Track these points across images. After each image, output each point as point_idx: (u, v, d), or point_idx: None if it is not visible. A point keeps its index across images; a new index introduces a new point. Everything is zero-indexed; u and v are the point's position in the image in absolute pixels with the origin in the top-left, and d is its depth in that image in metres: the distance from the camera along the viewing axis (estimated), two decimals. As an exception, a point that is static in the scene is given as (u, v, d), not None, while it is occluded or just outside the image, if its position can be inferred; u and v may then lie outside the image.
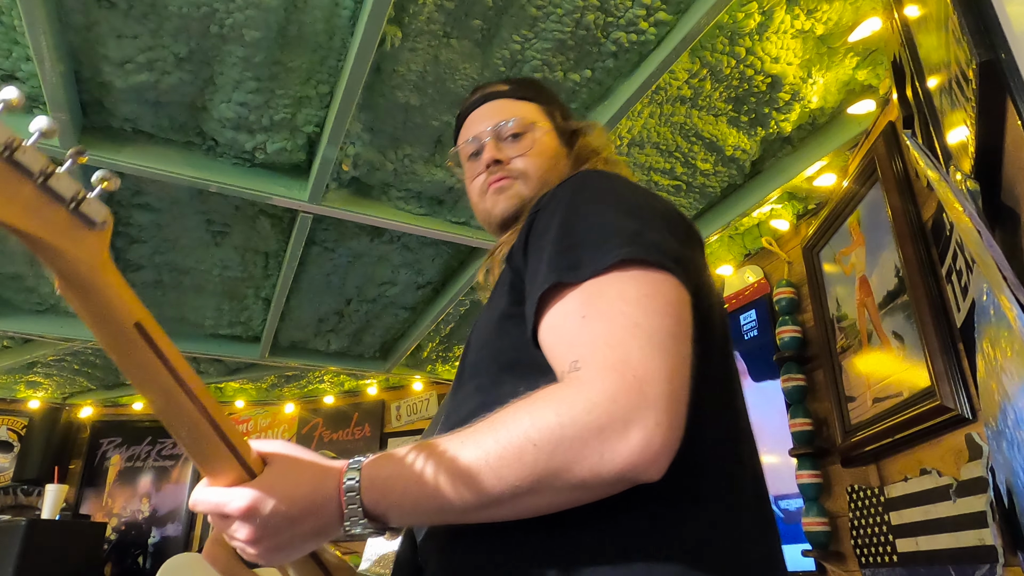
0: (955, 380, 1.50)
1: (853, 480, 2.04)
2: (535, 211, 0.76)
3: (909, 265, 1.67)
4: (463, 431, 0.60)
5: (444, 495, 0.57)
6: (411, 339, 3.49)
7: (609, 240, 0.64)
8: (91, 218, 0.51)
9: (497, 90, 1.01)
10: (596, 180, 0.77)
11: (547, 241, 0.68)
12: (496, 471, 0.55)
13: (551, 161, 0.95)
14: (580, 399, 0.55)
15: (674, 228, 0.71)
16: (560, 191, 0.76)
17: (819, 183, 2.22)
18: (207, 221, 2.38)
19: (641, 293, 0.61)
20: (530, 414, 0.57)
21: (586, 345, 0.59)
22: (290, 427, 4.86)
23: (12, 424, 4.49)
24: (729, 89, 1.85)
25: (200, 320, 3.26)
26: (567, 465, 0.55)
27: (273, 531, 0.58)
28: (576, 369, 0.58)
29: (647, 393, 0.55)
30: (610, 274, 0.62)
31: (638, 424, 0.54)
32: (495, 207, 0.95)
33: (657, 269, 0.63)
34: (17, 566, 3.12)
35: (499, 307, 0.76)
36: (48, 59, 1.52)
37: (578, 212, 0.70)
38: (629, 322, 0.59)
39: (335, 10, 1.54)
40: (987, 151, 0.93)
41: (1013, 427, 1.09)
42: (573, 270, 0.63)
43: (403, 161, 2.07)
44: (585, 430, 0.54)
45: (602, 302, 0.61)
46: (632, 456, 0.54)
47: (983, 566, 1.41)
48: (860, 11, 1.62)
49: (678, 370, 0.58)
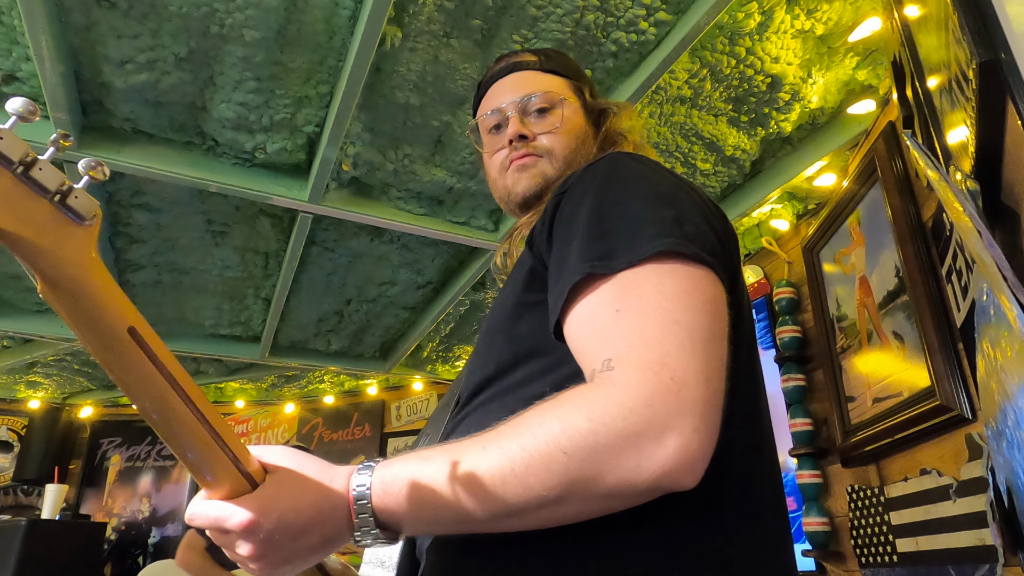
0: (955, 380, 1.50)
1: (853, 480, 2.04)
2: (560, 192, 0.71)
3: (909, 265, 1.67)
4: (485, 435, 0.56)
5: (465, 504, 0.53)
6: (411, 339, 3.49)
7: (646, 229, 0.59)
8: (78, 212, 0.45)
9: (524, 60, 0.94)
10: (628, 163, 0.71)
11: (577, 227, 0.64)
12: (523, 479, 0.52)
13: (578, 140, 0.89)
14: (614, 402, 0.51)
15: (710, 218, 0.67)
16: (588, 173, 0.70)
17: (819, 183, 2.22)
18: (207, 221, 2.38)
19: (680, 288, 0.56)
20: (559, 419, 0.52)
21: (620, 341, 0.55)
22: (290, 427, 4.86)
23: (12, 424, 4.49)
24: (729, 89, 1.85)
25: (200, 320, 3.26)
26: (599, 474, 0.51)
27: (277, 546, 0.54)
28: (610, 368, 0.54)
29: (685, 396, 0.51)
30: (646, 265, 0.57)
31: (675, 430, 0.50)
32: (516, 185, 0.90)
33: (695, 263, 0.59)
34: (17, 566, 3.12)
35: (515, 292, 0.72)
36: (48, 59, 1.52)
37: (610, 197, 0.64)
38: (668, 318, 0.54)
39: (335, 10, 1.54)
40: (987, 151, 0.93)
41: (1013, 427, 1.09)
42: (606, 260, 0.59)
43: (403, 161, 2.07)
44: (619, 437, 0.50)
45: (638, 296, 0.56)
46: (668, 464, 0.50)
47: (983, 566, 1.41)
48: (860, 11, 1.62)
49: (716, 371, 0.55)
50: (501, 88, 0.94)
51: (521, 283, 0.71)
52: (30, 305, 3.01)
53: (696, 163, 2.17)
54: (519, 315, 0.70)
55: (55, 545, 3.37)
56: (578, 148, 0.89)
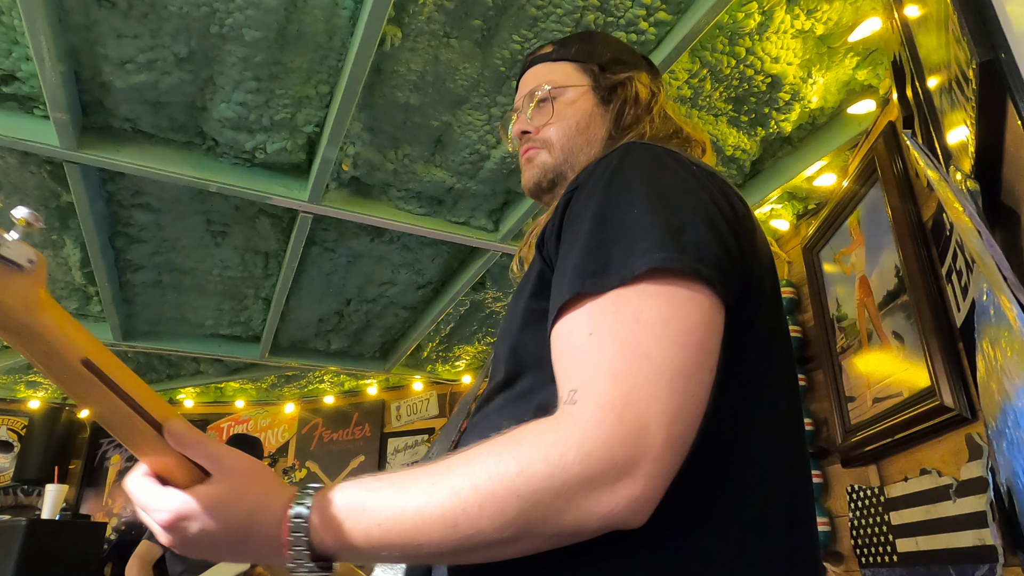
0: (955, 380, 1.50)
1: (853, 480, 2.04)
2: (572, 189, 0.69)
3: (909, 265, 1.67)
4: (436, 468, 0.55)
5: (413, 542, 0.52)
6: (411, 339, 3.49)
7: (642, 240, 0.57)
8: (15, 262, 0.48)
9: (541, 53, 0.98)
10: (638, 158, 0.67)
11: (579, 233, 0.62)
12: (475, 521, 0.51)
13: (580, 125, 0.90)
14: (573, 445, 0.50)
15: (718, 219, 0.63)
16: (599, 169, 0.68)
17: (819, 183, 2.22)
18: (207, 221, 2.38)
19: (659, 317, 0.54)
20: (516, 459, 0.51)
21: (589, 370, 0.54)
22: (290, 427, 4.86)
23: (12, 424, 4.49)
24: (729, 89, 1.85)
25: (200, 320, 3.26)
26: (552, 516, 0.51)
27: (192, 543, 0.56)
28: (573, 402, 0.53)
29: (645, 441, 0.50)
30: (634, 286, 0.55)
31: (630, 476, 0.50)
32: (524, 177, 0.94)
33: (689, 279, 0.56)
34: (17, 566, 3.12)
35: (524, 298, 0.71)
36: (48, 59, 1.52)
37: (613, 200, 0.62)
38: (640, 352, 0.53)
39: (335, 10, 1.54)
40: (987, 151, 0.93)
41: (1013, 427, 1.09)
42: (599, 276, 0.57)
43: (403, 161, 2.07)
44: (575, 481, 0.50)
45: (615, 321, 0.55)
46: (618, 509, 0.50)
47: (983, 566, 1.41)
48: (860, 11, 1.62)
49: (683, 411, 0.53)
50: (520, 87, 0.98)
51: (530, 289, 0.70)
52: (30, 305, 3.01)
53: (696, 163, 2.17)
54: (526, 323, 0.69)
55: (55, 545, 3.36)
56: (579, 132, 0.89)
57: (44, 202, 2.20)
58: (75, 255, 2.50)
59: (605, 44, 0.98)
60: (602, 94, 0.92)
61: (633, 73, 0.92)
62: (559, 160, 0.89)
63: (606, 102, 0.91)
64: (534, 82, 0.94)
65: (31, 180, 2.07)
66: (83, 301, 2.96)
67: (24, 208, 0.50)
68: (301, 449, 4.77)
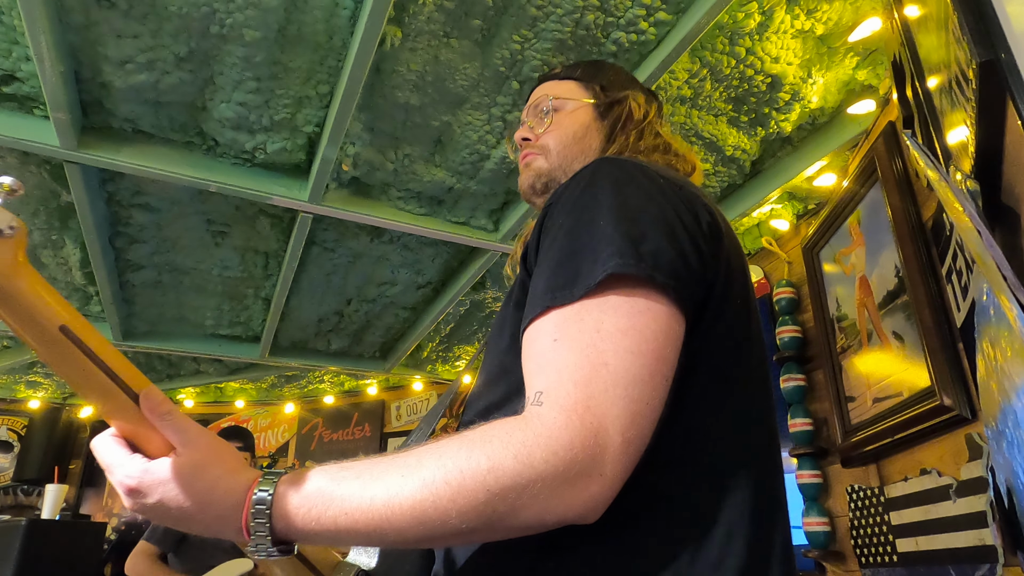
0: (955, 380, 1.50)
1: (853, 480, 2.04)
2: (549, 204, 0.73)
3: (909, 265, 1.67)
4: (405, 459, 0.57)
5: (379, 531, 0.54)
6: (411, 339, 3.49)
7: (603, 250, 0.61)
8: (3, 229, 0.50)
9: (549, 74, 1.07)
10: (604, 175, 0.71)
11: (552, 248, 0.66)
12: (444, 513, 0.53)
13: (576, 134, 0.96)
14: (540, 445, 0.54)
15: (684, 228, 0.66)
16: (572, 183, 0.72)
17: (819, 183, 2.22)
18: (207, 221, 2.38)
19: (618, 327, 0.58)
20: (488, 456, 0.54)
21: (553, 374, 0.57)
22: (290, 427, 4.86)
23: (12, 424, 4.49)
24: (729, 89, 1.85)
25: (200, 320, 3.26)
26: (517, 511, 0.54)
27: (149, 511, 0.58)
28: (539, 403, 0.57)
29: (603, 443, 0.54)
30: (594, 297, 0.59)
31: (588, 476, 0.54)
32: (520, 179, 1.00)
33: (647, 287, 0.60)
34: (17, 566, 3.12)
35: (509, 308, 0.75)
36: (48, 59, 1.52)
37: (583, 215, 0.66)
38: (599, 360, 0.57)
39: (335, 10, 1.54)
40: (987, 151, 0.93)
41: (1013, 427, 1.09)
42: (568, 288, 0.61)
43: (403, 161, 2.07)
44: (539, 479, 0.53)
45: (578, 329, 0.58)
46: (577, 506, 0.54)
47: (983, 566, 1.41)
48: (860, 11, 1.62)
49: (639, 417, 0.56)
50: (529, 101, 1.06)
51: (514, 298, 0.74)
52: (30, 305, 3.01)
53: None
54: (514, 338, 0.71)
55: (55, 545, 3.36)
56: (575, 141, 0.96)
57: (44, 202, 2.20)
58: (75, 255, 2.50)
59: (609, 69, 1.06)
60: (601, 110, 0.98)
61: (630, 93, 0.99)
62: (554, 165, 0.96)
63: (604, 117, 0.98)
64: (540, 95, 1.02)
65: (31, 180, 2.07)
66: (83, 301, 2.96)
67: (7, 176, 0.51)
68: (301, 449, 4.77)
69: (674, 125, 1.99)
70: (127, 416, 0.57)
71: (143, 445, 0.58)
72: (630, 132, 0.94)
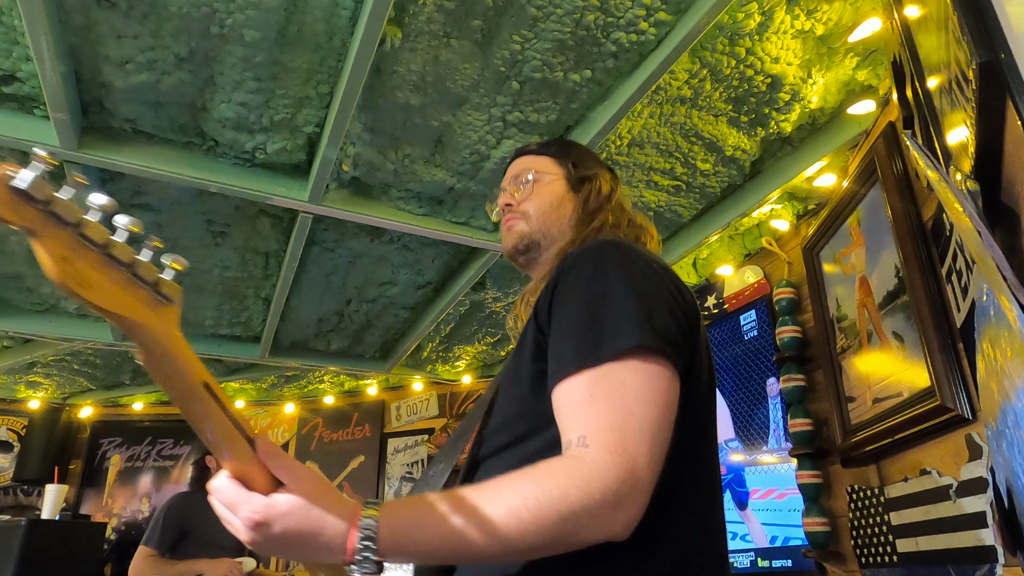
0: (955, 380, 1.50)
1: (853, 480, 2.04)
2: (559, 271, 0.87)
3: (909, 265, 1.67)
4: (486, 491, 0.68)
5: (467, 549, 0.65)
6: (411, 339, 3.49)
7: (625, 324, 0.76)
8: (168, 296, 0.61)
9: (525, 148, 1.21)
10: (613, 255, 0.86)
11: (572, 316, 0.80)
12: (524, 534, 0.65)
13: (552, 203, 1.10)
14: (597, 479, 0.67)
15: (675, 306, 0.83)
16: (582, 259, 0.86)
17: (819, 183, 2.22)
18: (207, 221, 2.38)
19: (639, 384, 0.73)
20: (558, 487, 0.66)
21: (592, 422, 0.71)
22: (290, 427, 4.86)
23: (12, 424, 4.49)
24: (729, 89, 1.85)
25: (200, 320, 3.26)
26: (578, 532, 0.66)
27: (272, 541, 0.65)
28: (585, 445, 0.70)
29: (638, 476, 0.68)
30: (619, 362, 0.74)
31: (628, 503, 0.68)
32: (503, 243, 1.14)
33: (657, 356, 0.75)
34: (17, 566, 3.12)
35: (526, 362, 0.87)
36: (48, 59, 1.52)
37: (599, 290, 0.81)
38: (628, 409, 0.71)
39: (335, 10, 1.54)
40: (987, 151, 0.93)
41: (1013, 427, 1.09)
42: (595, 352, 0.75)
43: (403, 161, 2.07)
44: (596, 505, 0.66)
45: (608, 385, 0.73)
46: (618, 527, 0.68)
47: (983, 566, 1.41)
48: (860, 11, 1.62)
49: (658, 455, 0.71)
50: (508, 172, 1.20)
51: (530, 352, 0.86)
52: (30, 305, 3.01)
53: (696, 163, 2.17)
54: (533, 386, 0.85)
55: (55, 545, 3.37)
56: (553, 209, 1.10)
57: (44, 202, 2.20)
58: (75, 255, 2.50)
59: (578, 149, 1.22)
60: (572, 183, 1.13)
61: (599, 171, 1.14)
62: (534, 229, 1.09)
63: (576, 190, 1.12)
64: (519, 168, 1.16)
65: (31, 180, 2.07)
66: (83, 301, 2.96)
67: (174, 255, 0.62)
68: (301, 449, 4.77)
69: (674, 125, 2.00)
70: (243, 458, 0.65)
71: (251, 483, 0.66)
72: (604, 207, 1.09)
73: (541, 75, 1.73)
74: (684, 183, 2.29)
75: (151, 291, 0.59)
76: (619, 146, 2.07)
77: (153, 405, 4.80)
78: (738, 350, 2.68)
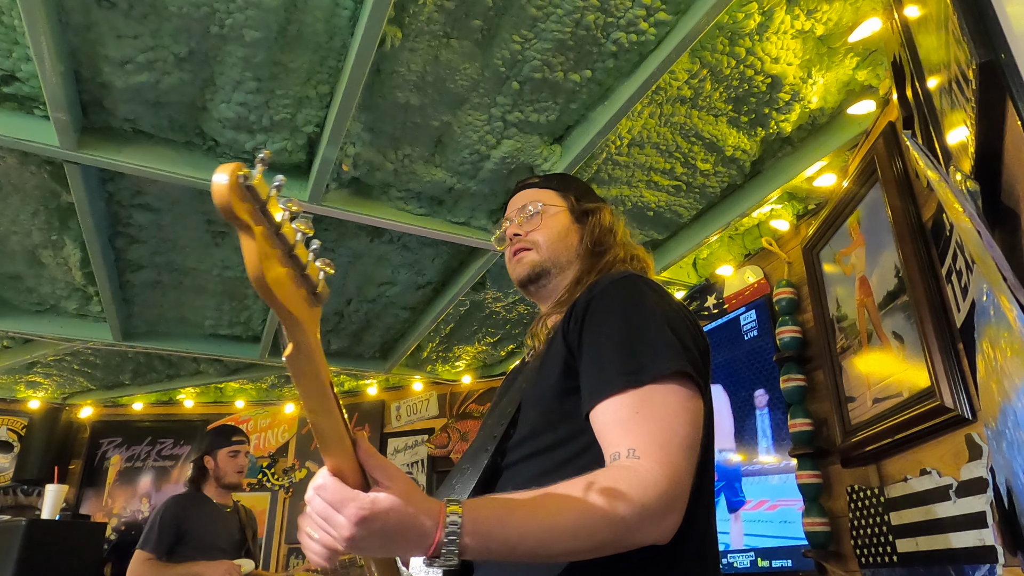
0: (955, 380, 1.50)
1: (853, 480, 2.04)
2: (588, 299, 0.95)
3: (909, 265, 1.67)
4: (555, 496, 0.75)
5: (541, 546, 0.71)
6: (411, 339, 3.49)
7: (664, 352, 0.85)
8: (321, 298, 0.63)
9: (529, 181, 1.26)
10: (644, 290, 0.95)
11: (612, 340, 0.88)
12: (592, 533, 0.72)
13: (560, 234, 1.16)
14: (650, 489, 0.75)
15: (696, 336, 0.93)
16: (613, 289, 0.95)
17: (819, 183, 2.22)
18: (207, 221, 2.38)
19: (679, 405, 0.82)
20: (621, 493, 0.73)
21: (640, 437, 0.79)
22: (290, 427, 4.86)
23: (12, 424, 4.49)
24: (729, 89, 1.85)
25: (200, 320, 3.26)
26: (631, 535, 0.74)
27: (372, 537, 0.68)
28: (636, 457, 0.77)
29: (680, 487, 0.77)
30: (660, 384, 0.82)
31: (673, 510, 0.76)
32: (514, 271, 1.18)
33: (690, 382, 0.85)
34: (17, 566, 3.12)
35: (553, 379, 0.94)
36: (48, 59, 1.52)
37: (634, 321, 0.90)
38: (671, 428, 0.80)
39: (335, 10, 1.54)
40: (987, 151, 0.93)
41: (1013, 427, 1.09)
42: (637, 374, 0.83)
43: (403, 161, 2.07)
44: (651, 510, 0.74)
45: (652, 405, 0.82)
46: (666, 529, 0.76)
47: (983, 566, 1.41)
48: (860, 11, 1.62)
49: (693, 469, 0.80)
50: (511, 203, 1.24)
51: (560, 370, 0.93)
52: (30, 305, 3.01)
53: (696, 163, 2.17)
54: (560, 397, 0.92)
55: (55, 545, 3.36)
56: (560, 239, 1.15)
57: (44, 202, 2.20)
58: (75, 255, 2.50)
59: (578, 183, 1.28)
60: (576, 215, 1.19)
61: (600, 205, 1.21)
62: (544, 258, 1.14)
63: (580, 222, 1.18)
64: (525, 200, 1.20)
65: (31, 180, 2.07)
66: (83, 301, 2.96)
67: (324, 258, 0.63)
68: (301, 449, 4.77)
69: (674, 125, 2.00)
70: (345, 456, 0.68)
71: (346, 480, 0.69)
72: (609, 241, 1.16)
73: (541, 75, 1.73)
74: (684, 183, 2.29)
75: (309, 291, 0.61)
76: (619, 146, 2.07)
77: (153, 405, 4.80)
78: (738, 350, 2.68)
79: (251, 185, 0.52)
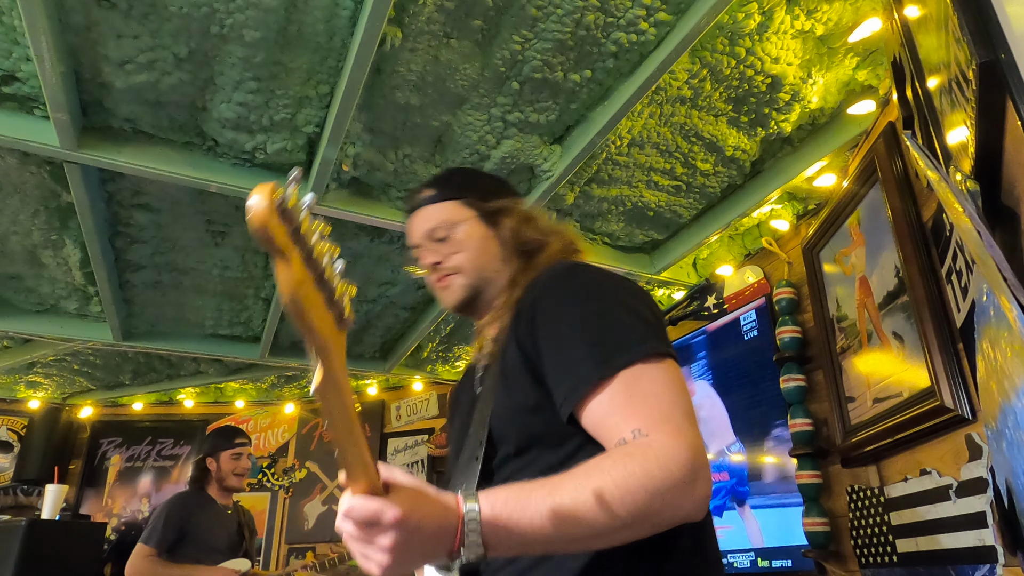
0: (955, 380, 1.50)
1: (853, 480, 2.04)
2: (533, 298, 0.91)
3: (909, 265, 1.67)
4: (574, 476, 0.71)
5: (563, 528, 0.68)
6: (411, 339, 3.49)
7: (631, 335, 0.83)
8: (348, 324, 0.61)
9: (423, 197, 1.12)
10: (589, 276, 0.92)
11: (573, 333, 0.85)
12: (615, 509, 0.68)
13: (479, 247, 1.08)
14: (669, 456, 0.71)
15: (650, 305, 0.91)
16: (557, 282, 0.91)
17: (819, 183, 2.22)
18: (207, 221, 2.38)
19: (666, 378, 0.80)
20: (640, 466, 0.70)
21: (642, 417, 0.75)
22: (290, 427, 4.86)
23: (12, 424, 4.49)
24: (729, 89, 1.85)
25: (200, 320, 3.26)
26: (662, 509, 0.70)
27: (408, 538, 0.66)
28: (644, 435, 0.73)
29: (701, 454, 0.73)
30: (638, 365, 0.80)
31: (702, 478, 0.72)
32: (445, 300, 1.11)
33: (667, 357, 0.82)
34: (17, 566, 3.12)
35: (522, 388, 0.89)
36: (48, 59, 1.52)
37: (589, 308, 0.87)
38: (668, 400, 0.77)
39: (335, 10, 1.54)
40: (987, 151, 0.93)
41: (1013, 427, 1.09)
42: (608, 363, 0.80)
43: (403, 161, 2.07)
44: (677, 481, 0.70)
45: (640, 386, 0.79)
46: (698, 503, 0.72)
47: (983, 566, 1.41)
48: (860, 11, 1.62)
49: (701, 437, 0.76)
50: (412, 227, 1.13)
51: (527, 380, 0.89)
52: (30, 305, 3.01)
53: (696, 163, 2.17)
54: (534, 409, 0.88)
55: (55, 545, 3.36)
56: (482, 253, 1.07)
57: (44, 202, 2.20)
58: (75, 255, 2.50)
59: (475, 178, 1.18)
60: (487, 219, 1.10)
61: (508, 202, 1.11)
62: (472, 279, 1.07)
63: (493, 225, 1.09)
64: (427, 223, 1.10)
65: (31, 180, 2.07)
66: (83, 301, 2.96)
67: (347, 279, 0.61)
68: (301, 449, 4.77)
69: (674, 125, 2.00)
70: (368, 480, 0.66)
71: None
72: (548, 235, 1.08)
73: (541, 75, 1.73)
74: (684, 183, 2.29)
75: (337, 316, 0.60)
76: (619, 146, 2.07)
77: (153, 405, 4.80)
78: (738, 350, 2.68)
79: (287, 208, 0.50)
